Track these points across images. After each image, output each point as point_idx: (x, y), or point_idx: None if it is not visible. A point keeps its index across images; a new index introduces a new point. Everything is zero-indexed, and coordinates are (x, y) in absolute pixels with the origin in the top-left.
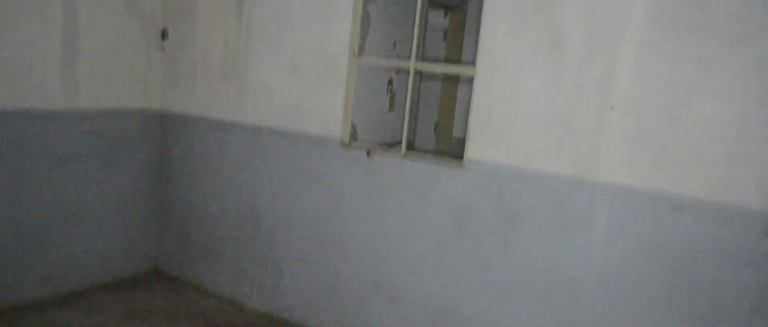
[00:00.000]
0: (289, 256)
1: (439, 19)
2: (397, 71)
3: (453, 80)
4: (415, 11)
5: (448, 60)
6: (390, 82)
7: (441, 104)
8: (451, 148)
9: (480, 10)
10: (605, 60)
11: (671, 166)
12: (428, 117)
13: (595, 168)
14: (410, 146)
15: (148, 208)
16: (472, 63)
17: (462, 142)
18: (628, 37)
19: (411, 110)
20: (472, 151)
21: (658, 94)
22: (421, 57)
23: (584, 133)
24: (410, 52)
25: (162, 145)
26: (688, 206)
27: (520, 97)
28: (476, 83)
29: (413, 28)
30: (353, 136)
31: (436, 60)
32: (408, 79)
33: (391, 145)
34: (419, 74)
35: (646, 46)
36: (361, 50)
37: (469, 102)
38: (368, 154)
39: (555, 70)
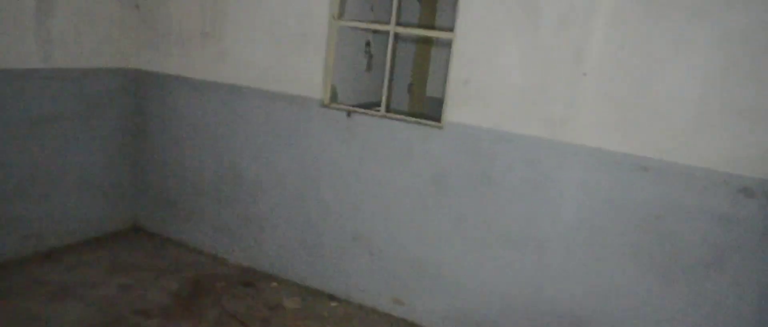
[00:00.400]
0: (270, 212)
1: None
2: (375, 32)
3: (427, 42)
4: None
5: (421, 22)
6: (368, 44)
7: (415, 65)
8: (424, 107)
9: None
10: (579, 29)
11: (638, 130)
12: (402, 77)
13: (567, 131)
14: (387, 106)
15: (126, 166)
16: (448, 26)
17: (435, 102)
18: (600, 8)
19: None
20: (450, 114)
21: (628, 63)
22: (398, 20)
23: (557, 98)
24: (387, 14)
25: (139, 104)
26: (652, 167)
27: (497, 62)
28: (454, 48)
29: None
30: (333, 97)
31: (410, 22)
32: (385, 42)
33: (369, 105)
34: (396, 36)
35: (617, 17)
36: (341, 13)
37: (442, 63)
38: (349, 114)
39: (531, 37)
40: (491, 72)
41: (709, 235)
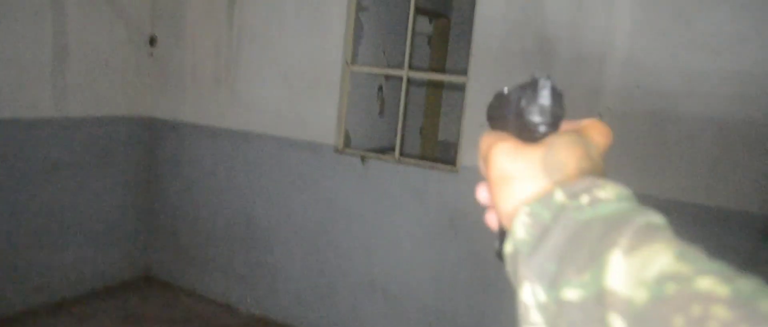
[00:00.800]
0: (284, 260)
1: (423, 25)
2: (387, 77)
3: (438, 85)
4: (402, 19)
5: (432, 66)
6: (380, 89)
7: (426, 108)
8: (436, 151)
9: (464, 17)
10: (593, 69)
11: (655, 171)
12: (413, 121)
13: None
14: (400, 151)
15: (138, 215)
16: (459, 69)
17: (447, 146)
18: (615, 47)
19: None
20: (465, 157)
21: (644, 103)
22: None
23: None
24: (399, 58)
25: (152, 152)
26: (670, 209)
27: None
28: (468, 91)
29: (402, 36)
30: (347, 142)
31: (421, 66)
32: (398, 86)
33: (382, 150)
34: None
35: (632, 56)
36: (354, 58)
37: (453, 106)
38: (363, 160)
39: None
40: None
41: None
